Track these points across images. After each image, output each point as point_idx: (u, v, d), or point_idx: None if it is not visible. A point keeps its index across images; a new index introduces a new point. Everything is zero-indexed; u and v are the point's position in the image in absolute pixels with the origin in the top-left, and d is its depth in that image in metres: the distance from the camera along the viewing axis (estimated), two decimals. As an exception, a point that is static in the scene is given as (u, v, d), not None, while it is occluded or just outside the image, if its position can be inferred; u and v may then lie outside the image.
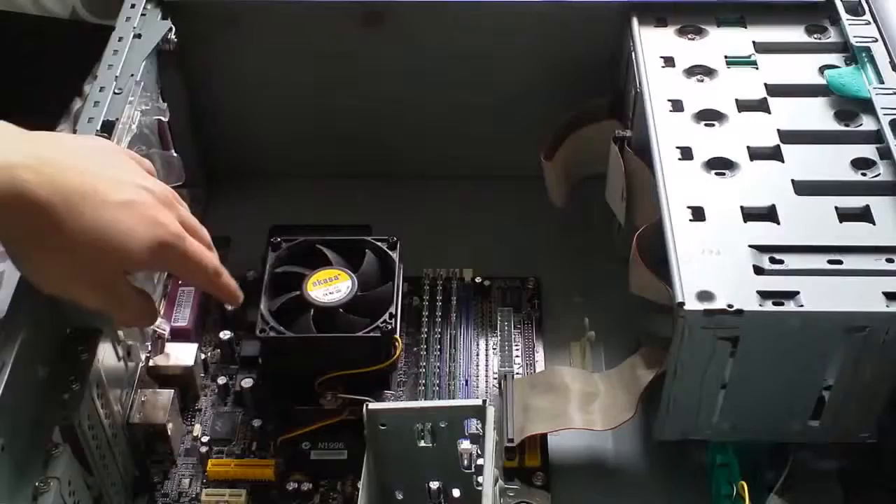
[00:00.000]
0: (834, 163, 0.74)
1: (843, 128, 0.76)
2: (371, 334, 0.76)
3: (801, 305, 0.64)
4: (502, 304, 0.90)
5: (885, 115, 0.75)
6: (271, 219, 0.90)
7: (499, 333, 0.88)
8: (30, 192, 0.56)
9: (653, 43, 0.83)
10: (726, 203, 0.71)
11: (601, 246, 0.93)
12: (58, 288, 0.62)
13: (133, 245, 0.61)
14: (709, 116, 0.77)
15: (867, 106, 0.77)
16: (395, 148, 0.99)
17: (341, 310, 0.78)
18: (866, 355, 0.66)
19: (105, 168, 0.62)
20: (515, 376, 0.82)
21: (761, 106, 0.78)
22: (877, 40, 0.81)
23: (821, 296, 0.64)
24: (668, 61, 0.82)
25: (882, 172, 0.72)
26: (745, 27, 0.85)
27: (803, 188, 0.72)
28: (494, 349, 0.87)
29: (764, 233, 0.69)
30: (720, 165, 0.74)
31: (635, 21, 0.85)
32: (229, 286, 0.70)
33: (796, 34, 0.84)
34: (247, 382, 0.81)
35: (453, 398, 0.83)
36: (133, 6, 0.86)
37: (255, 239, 0.87)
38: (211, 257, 0.68)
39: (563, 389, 0.79)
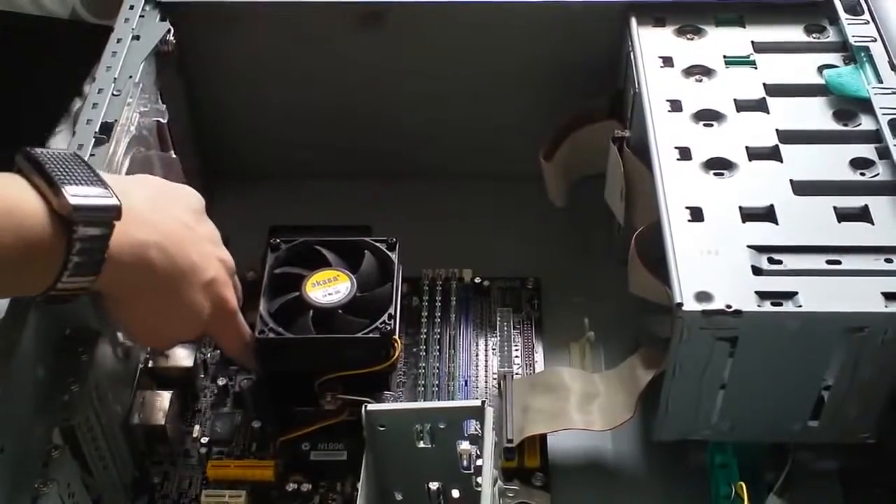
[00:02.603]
0: (833, 163, 0.73)
1: (841, 128, 0.76)
2: (370, 335, 0.76)
3: (800, 306, 0.64)
4: (502, 304, 0.90)
5: (883, 114, 0.75)
6: (271, 219, 0.90)
7: (498, 334, 0.88)
8: (155, 268, 0.64)
9: (651, 43, 0.83)
10: (725, 203, 0.71)
11: (601, 246, 0.93)
12: (135, 336, 0.74)
13: (200, 319, 0.70)
14: (707, 116, 0.77)
15: (866, 106, 0.77)
16: (395, 148, 0.99)
17: (340, 311, 0.77)
18: (865, 355, 0.66)
19: (201, 243, 0.70)
20: (515, 377, 0.82)
21: (760, 106, 0.78)
22: (876, 40, 0.81)
23: (819, 296, 0.64)
24: (667, 61, 0.82)
25: (881, 172, 0.72)
26: (744, 27, 0.85)
27: (802, 188, 0.72)
28: (494, 349, 0.87)
29: (762, 233, 0.69)
30: (719, 166, 0.74)
31: (634, 21, 0.85)
32: (252, 357, 0.77)
33: (795, 34, 0.84)
34: (246, 383, 0.81)
35: (452, 399, 0.83)
36: (131, 7, 0.86)
37: (254, 239, 0.87)
38: (247, 331, 0.76)
39: (562, 390, 0.79)
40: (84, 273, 0.59)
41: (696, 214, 0.70)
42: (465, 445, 0.67)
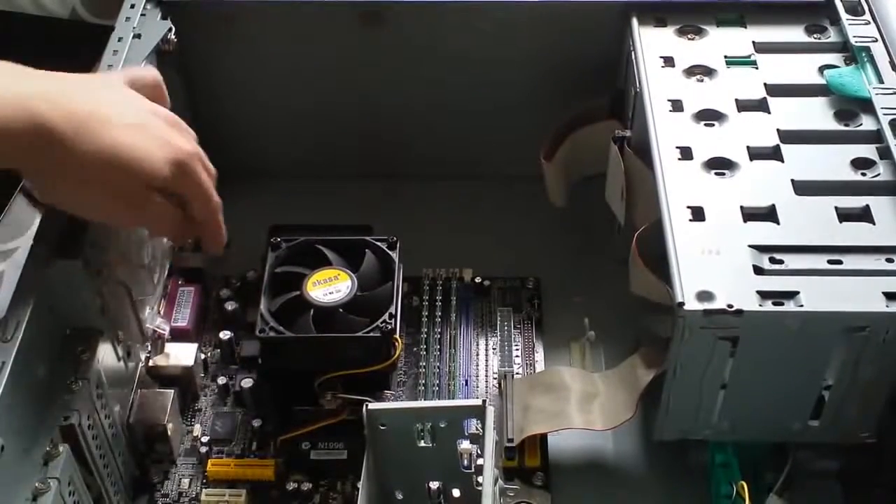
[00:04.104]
0: (834, 163, 0.73)
1: (842, 128, 0.76)
2: (371, 334, 0.76)
3: (801, 305, 0.64)
4: (502, 304, 0.90)
5: (884, 114, 0.75)
6: (271, 219, 0.90)
7: (498, 333, 0.88)
8: (45, 120, 0.59)
9: (652, 43, 0.83)
10: (726, 203, 0.71)
11: (601, 246, 0.93)
12: (90, 212, 0.65)
13: (153, 160, 0.63)
14: (708, 116, 0.77)
15: (867, 106, 0.77)
16: (395, 148, 0.99)
17: (341, 310, 0.77)
18: (866, 355, 0.66)
19: (113, 95, 0.65)
20: (515, 376, 0.82)
21: (761, 106, 0.78)
22: (876, 40, 0.81)
23: (820, 296, 0.64)
24: (668, 61, 0.82)
25: (882, 172, 0.72)
26: (745, 27, 0.85)
27: (803, 188, 0.72)
28: (494, 349, 0.87)
29: (764, 233, 0.69)
30: (720, 165, 0.74)
31: (635, 21, 0.85)
32: (222, 225, 0.71)
33: (796, 34, 0.84)
34: (247, 382, 0.81)
35: (453, 398, 0.83)
36: (132, 6, 0.86)
37: (254, 239, 0.87)
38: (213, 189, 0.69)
39: (562, 389, 0.79)
40: None
41: (698, 214, 0.70)
42: (465, 445, 0.68)
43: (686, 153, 0.74)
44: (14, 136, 0.58)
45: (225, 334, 0.84)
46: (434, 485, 0.71)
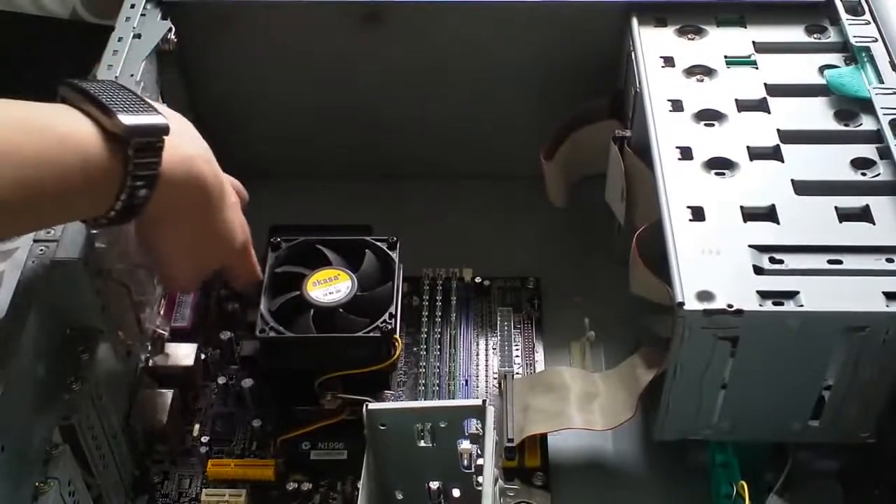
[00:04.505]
0: (834, 163, 0.73)
1: (842, 128, 0.76)
2: (371, 334, 0.76)
3: (801, 305, 0.64)
4: (502, 304, 0.90)
5: (884, 114, 0.75)
6: (271, 219, 0.90)
7: (499, 333, 0.88)
8: (205, 180, 0.67)
9: (652, 43, 0.83)
10: (726, 203, 0.71)
11: (601, 246, 0.93)
12: (176, 262, 0.71)
13: (236, 242, 0.72)
14: (708, 116, 0.77)
15: (867, 106, 0.77)
16: (395, 148, 0.99)
17: (341, 310, 0.77)
18: (866, 355, 0.66)
19: (219, 168, 0.71)
20: (515, 376, 0.82)
21: (761, 106, 0.78)
22: (876, 40, 0.81)
23: (821, 296, 0.64)
24: (668, 61, 0.82)
25: (882, 172, 0.72)
26: (745, 27, 0.85)
27: (803, 188, 0.72)
28: (494, 349, 0.87)
29: (764, 233, 0.69)
30: (720, 165, 0.74)
31: (635, 21, 0.85)
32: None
33: (796, 34, 0.84)
34: (247, 382, 0.81)
35: (453, 398, 0.83)
36: (133, 6, 0.86)
37: (254, 239, 0.86)
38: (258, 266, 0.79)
39: (563, 389, 0.79)
40: (142, 190, 0.61)
41: (698, 214, 0.70)
42: (465, 445, 0.67)
43: (686, 153, 0.74)
44: (177, 191, 0.64)
45: (225, 334, 0.84)
46: (434, 485, 0.71)
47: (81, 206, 0.61)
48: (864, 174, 0.73)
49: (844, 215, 0.70)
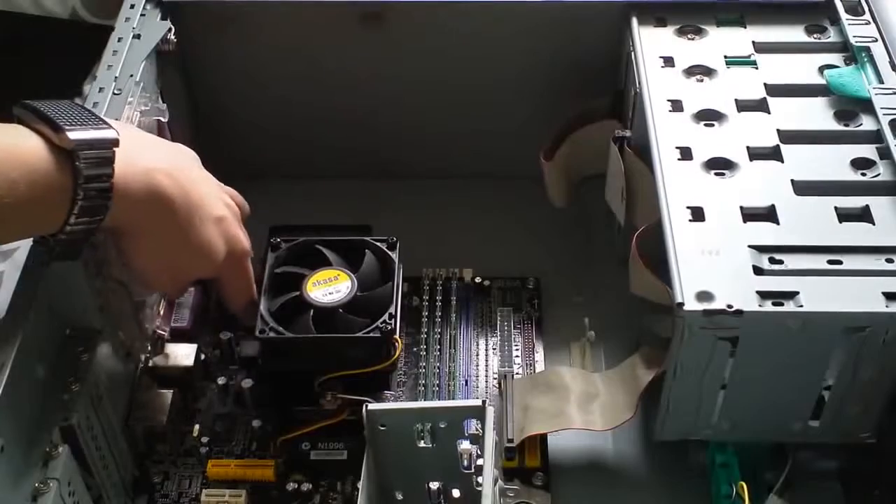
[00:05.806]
0: (834, 163, 0.73)
1: (842, 128, 0.76)
2: (371, 334, 0.76)
3: (801, 306, 0.64)
4: (502, 304, 0.90)
5: (884, 115, 0.75)
6: (271, 219, 0.90)
7: (499, 333, 0.88)
8: (166, 195, 0.66)
9: (652, 43, 0.83)
10: (726, 203, 0.71)
11: (601, 246, 0.93)
12: (150, 277, 0.71)
13: (217, 257, 0.72)
14: (708, 116, 0.77)
15: (867, 106, 0.77)
16: (395, 148, 0.99)
17: (341, 310, 0.77)
18: (866, 355, 0.66)
19: (205, 181, 0.72)
20: (515, 376, 0.82)
21: (761, 106, 0.78)
22: (876, 40, 0.81)
23: (820, 296, 0.64)
24: (668, 61, 0.82)
25: (882, 172, 0.72)
26: (745, 27, 0.85)
27: (803, 188, 0.72)
28: (494, 349, 0.87)
29: (763, 233, 0.69)
30: (720, 165, 0.74)
31: (635, 21, 0.85)
32: (254, 312, 0.77)
33: (796, 34, 0.84)
34: (247, 383, 0.80)
35: (453, 398, 0.83)
36: (132, 7, 0.86)
37: (254, 239, 0.86)
38: (253, 283, 0.78)
39: (562, 389, 0.79)
40: (94, 207, 0.61)
41: (697, 214, 0.70)
42: (465, 445, 0.67)
43: (686, 153, 0.74)
44: (135, 205, 0.65)
45: (225, 334, 0.84)
46: (434, 485, 0.71)
47: (34, 220, 0.61)
48: (864, 174, 0.73)
49: (844, 215, 0.70)
